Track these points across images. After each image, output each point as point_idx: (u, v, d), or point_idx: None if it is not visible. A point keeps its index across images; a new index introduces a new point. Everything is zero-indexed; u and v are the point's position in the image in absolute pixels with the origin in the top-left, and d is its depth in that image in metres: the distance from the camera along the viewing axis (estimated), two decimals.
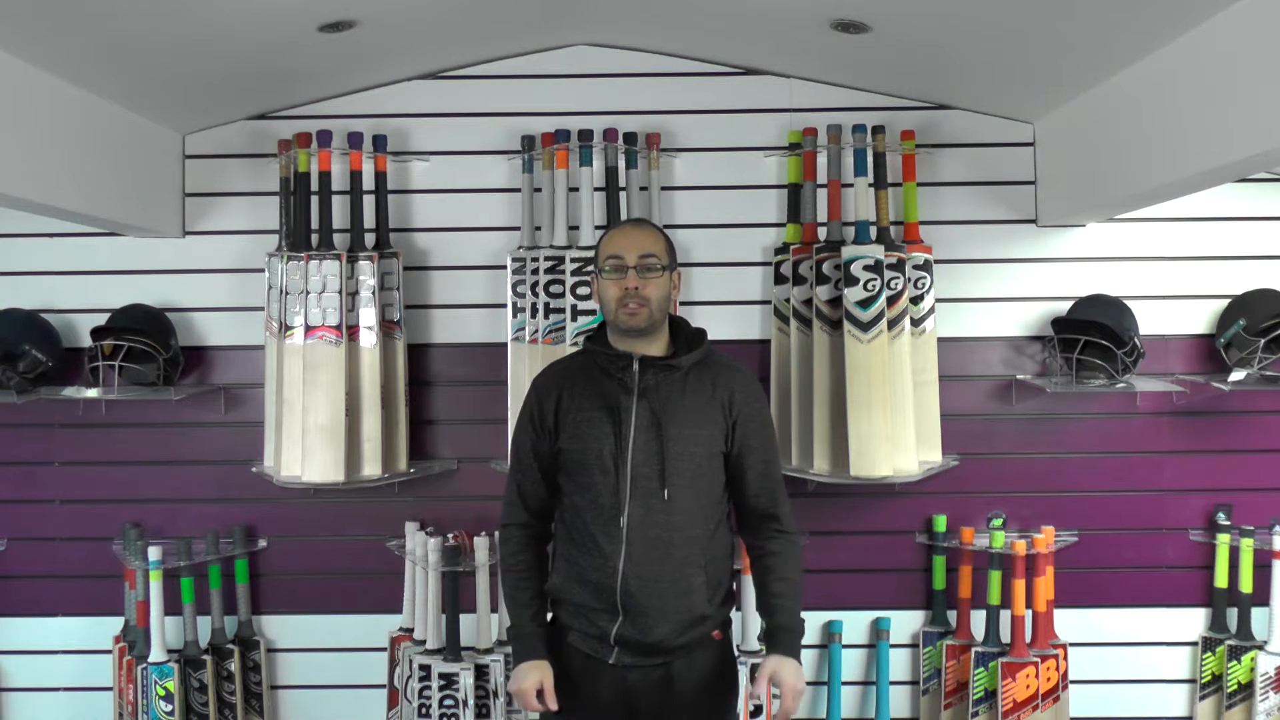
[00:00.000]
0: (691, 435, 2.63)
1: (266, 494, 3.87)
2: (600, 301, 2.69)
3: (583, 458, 2.63)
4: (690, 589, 2.63)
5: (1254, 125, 2.54)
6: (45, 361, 3.77)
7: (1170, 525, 3.90)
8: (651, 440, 2.60)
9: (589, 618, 2.63)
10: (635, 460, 2.59)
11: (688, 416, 2.63)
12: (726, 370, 2.73)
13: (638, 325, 2.63)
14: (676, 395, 2.64)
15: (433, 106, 3.92)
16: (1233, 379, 3.67)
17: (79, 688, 3.94)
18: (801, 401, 3.74)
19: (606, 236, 2.74)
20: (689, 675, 2.65)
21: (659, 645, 2.61)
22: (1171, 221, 3.87)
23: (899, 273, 3.69)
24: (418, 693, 3.67)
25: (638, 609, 2.59)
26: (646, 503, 2.59)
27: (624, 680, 2.63)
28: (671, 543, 2.60)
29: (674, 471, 2.60)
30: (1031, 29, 3.04)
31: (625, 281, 2.62)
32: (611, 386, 2.65)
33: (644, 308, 2.62)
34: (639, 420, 2.61)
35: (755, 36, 3.61)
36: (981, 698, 3.76)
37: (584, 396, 2.66)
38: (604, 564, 2.60)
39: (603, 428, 2.62)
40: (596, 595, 2.61)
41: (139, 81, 3.37)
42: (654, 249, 2.66)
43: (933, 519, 3.88)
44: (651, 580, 2.59)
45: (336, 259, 3.66)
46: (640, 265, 2.62)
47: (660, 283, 2.64)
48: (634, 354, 2.63)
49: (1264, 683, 3.72)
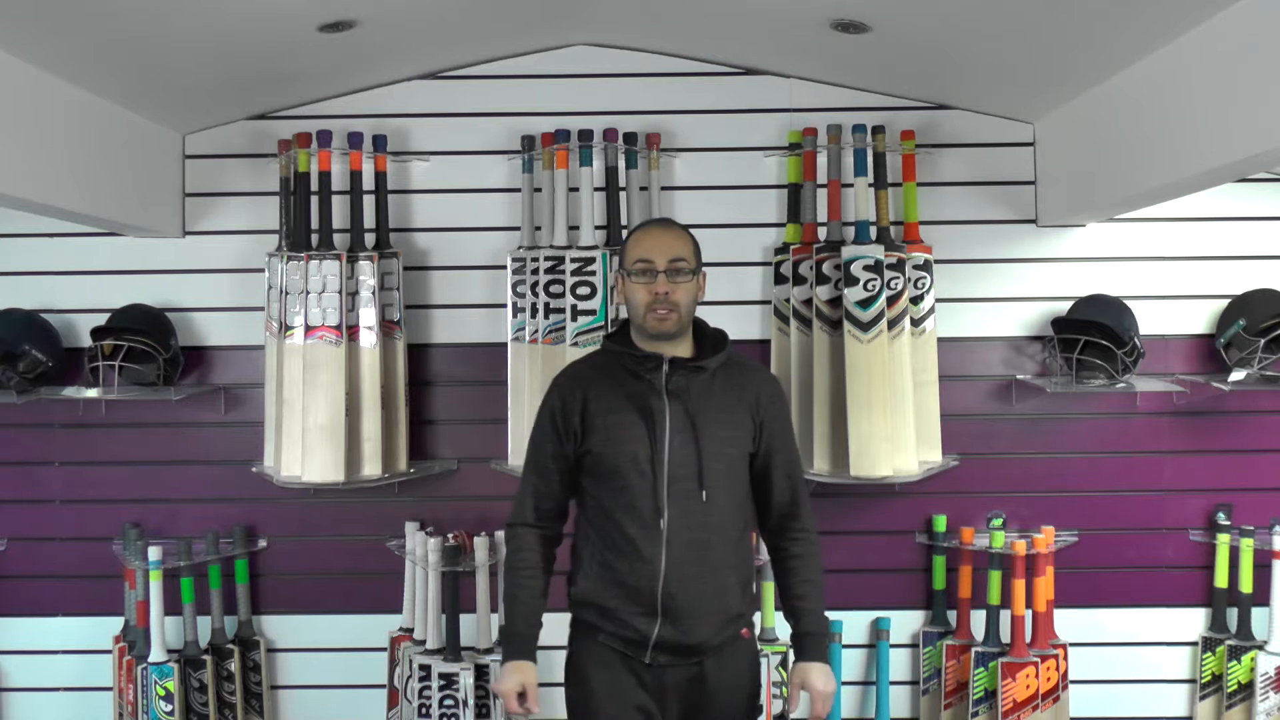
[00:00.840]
0: (725, 436, 2.62)
1: (266, 494, 3.87)
2: (627, 304, 2.65)
3: (616, 461, 2.59)
4: (727, 589, 2.63)
5: (1254, 125, 2.54)
6: (45, 361, 3.77)
7: (1170, 525, 3.90)
8: (687, 442, 2.58)
9: (624, 620, 2.59)
10: (672, 462, 2.57)
11: (720, 417, 2.62)
12: (751, 371, 2.74)
13: (668, 330, 2.60)
14: (707, 396, 2.62)
15: (433, 106, 3.92)
16: (1233, 379, 3.67)
17: (79, 688, 3.94)
18: (801, 401, 3.74)
19: (634, 237, 2.70)
20: (721, 673, 2.64)
21: (699, 646, 2.60)
22: (1171, 221, 3.87)
23: (899, 273, 3.69)
24: (418, 693, 3.67)
25: (680, 611, 2.57)
26: (684, 505, 2.57)
27: (660, 679, 2.61)
28: (710, 544, 2.59)
29: (710, 473, 2.58)
30: (1031, 29, 3.04)
31: (655, 286, 2.58)
32: (640, 388, 2.61)
33: (674, 313, 2.59)
34: (674, 422, 2.58)
35: (755, 36, 3.61)
36: (981, 698, 3.76)
37: (612, 398, 2.62)
38: (645, 567, 2.56)
39: (636, 430, 2.58)
40: (635, 599, 2.58)
41: (139, 81, 3.37)
42: (683, 252, 2.63)
43: (933, 519, 3.88)
44: (692, 582, 2.57)
45: (336, 259, 3.66)
46: (670, 269, 2.59)
47: (689, 287, 2.62)
48: (663, 355, 2.61)
49: (1264, 683, 3.72)
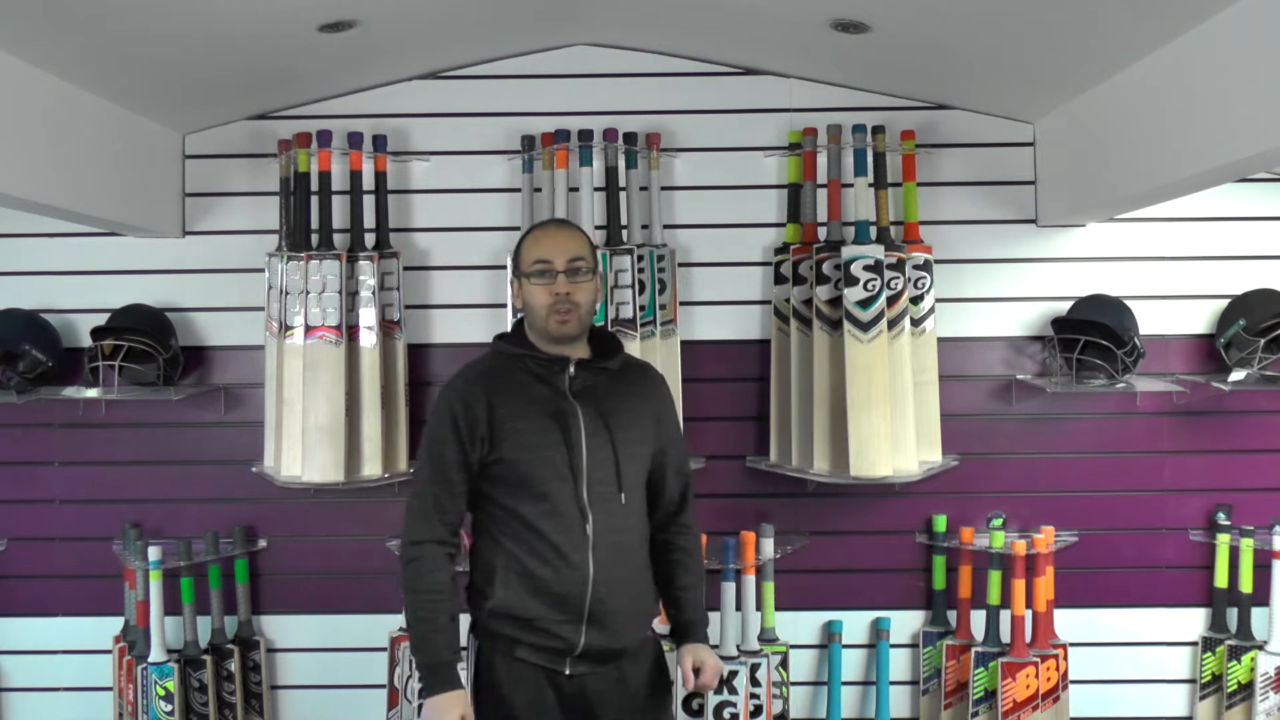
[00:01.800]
0: (636, 437, 2.60)
1: (266, 494, 3.87)
2: (525, 307, 2.57)
3: (532, 468, 2.51)
4: (647, 590, 2.66)
5: (1254, 125, 2.54)
6: (45, 361, 3.77)
7: (1170, 525, 3.90)
8: (603, 444, 2.55)
9: (547, 629, 2.53)
10: (590, 465, 2.53)
11: (628, 418, 2.60)
12: (643, 369, 2.76)
13: (569, 332, 2.55)
14: (613, 397, 2.59)
15: (433, 106, 3.92)
16: (1233, 379, 3.68)
17: (79, 688, 3.94)
18: (801, 401, 3.74)
19: (529, 238, 2.62)
20: (639, 672, 2.64)
21: (623, 650, 2.59)
22: (1171, 221, 3.86)
23: (899, 273, 3.69)
24: (418, 693, 3.67)
25: (608, 615, 2.54)
26: (606, 508, 2.54)
27: (582, 688, 2.57)
28: (631, 546, 2.60)
29: (626, 474, 2.57)
30: (1031, 29, 3.04)
31: (555, 287, 2.52)
32: (546, 392, 2.56)
33: (574, 313, 2.53)
34: (587, 425, 2.54)
35: (755, 36, 3.61)
36: (981, 698, 3.75)
37: (519, 403, 2.54)
38: (573, 573, 2.51)
39: (550, 435, 2.53)
40: (561, 607, 2.52)
41: (139, 81, 3.37)
42: (582, 251, 2.57)
43: (933, 519, 3.88)
44: (620, 585, 2.56)
45: (336, 259, 3.66)
46: (569, 269, 2.53)
47: (589, 287, 2.56)
48: (569, 357, 2.58)
49: (1264, 683, 3.72)
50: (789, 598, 3.86)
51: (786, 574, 3.85)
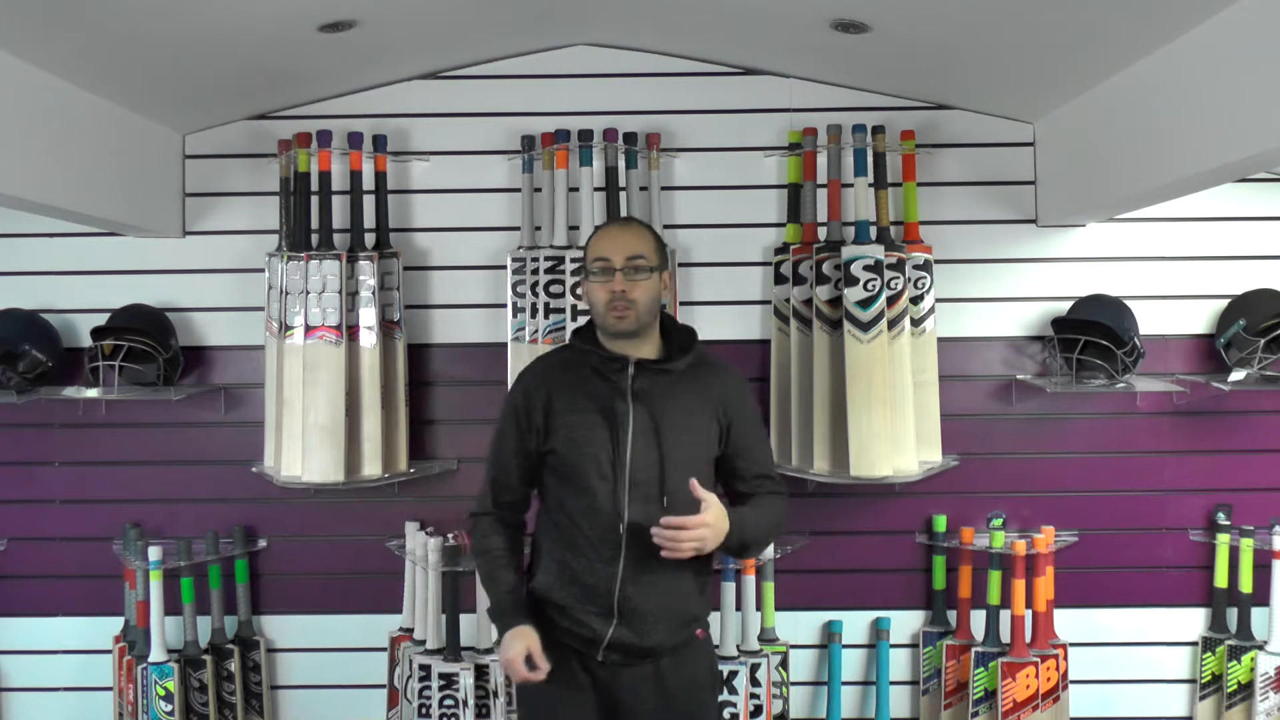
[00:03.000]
0: (689, 441, 2.61)
1: (266, 494, 3.87)
2: (589, 304, 2.65)
3: (578, 462, 2.59)
4: (685, 592, 2.64)
5: (1254, 125, 2.54)
6: (45, 361, 3.77)
7: (1170, 525, 3.90)
8: (650, 446, 2.58)
9: (579, 618, 2.60)
10: (634, 466, 2.56)
11: (684, 421, 2.61)
12: (717, 372, 2.73)
13: (626, 329, 2.59)
14: (671, 399, 2.61)
15: (433, 106, 3.92)
16: (1233, 379, 3.67)
17: (79, 688, 3.94)
18: (801, 401, 3.74)
19: (593, 237, 2.70)
20: (679, 672, 2.64)
21: (654, 649, 2.61)
22: (1171, 221, 3.87)
23: (899, 273, 3.69)
24: (418, 693, 3.67)
25: (636, 614, 2.58)
26: (645, 509, 2.55)
27: (614, 676, 2.62)
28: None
29: (673, 478, 2.57)
30: (1031, 29, 3.04)
31: (612, 284, 2.57)
32: (604, 389, 2.61)
33: (631, 310, 2.57)
34: (636, 425, 2.58)
35: (755, 36, 3.61)
36: (981, 698, 3.75)
37: (576, 397, 2.61)
38: (602, 569, 2.57)
39: (598, 432, 2.58)
40: (591, 598, 2.58)
41: (139, 81, 3.37)
42: (642, 249, 2.61)
43: (933, 519, 3.88)
44: (649, 585, 2.57)
45: (336, 259, 3.66)
46: (627, 267, 2.57)
47: (648, 284, 2.59)
48: (629, 357, 2.60)
49: (1264, 683, 3.72)
50: (789, 598, 3.87)
51: (787, 574, 3.85)
